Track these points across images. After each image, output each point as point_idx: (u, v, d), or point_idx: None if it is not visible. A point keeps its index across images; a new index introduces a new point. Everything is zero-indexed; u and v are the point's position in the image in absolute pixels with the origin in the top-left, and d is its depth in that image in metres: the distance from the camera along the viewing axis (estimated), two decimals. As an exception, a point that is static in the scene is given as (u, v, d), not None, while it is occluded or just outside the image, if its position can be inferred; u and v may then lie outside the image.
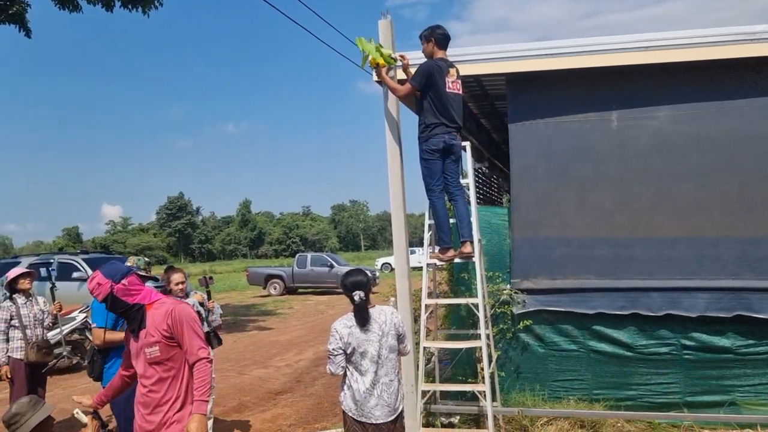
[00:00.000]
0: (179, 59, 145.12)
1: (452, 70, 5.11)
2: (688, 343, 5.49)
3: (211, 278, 6.18)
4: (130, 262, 4.93)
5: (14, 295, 6.22)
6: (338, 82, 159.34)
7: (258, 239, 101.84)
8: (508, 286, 5.87)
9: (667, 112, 5.55)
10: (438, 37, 5.17)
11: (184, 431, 3.07)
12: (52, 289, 6.48)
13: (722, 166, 5.44)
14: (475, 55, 5.69)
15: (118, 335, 4.46)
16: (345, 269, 23.47)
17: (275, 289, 24.17)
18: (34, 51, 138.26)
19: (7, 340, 6.12)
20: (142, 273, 4.73)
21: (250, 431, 6.47)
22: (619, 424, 5.43)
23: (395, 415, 3.81)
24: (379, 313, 3.87)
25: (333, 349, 3.77)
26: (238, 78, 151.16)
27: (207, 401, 3.15)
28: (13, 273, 6.23)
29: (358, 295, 3.77)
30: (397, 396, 3.83)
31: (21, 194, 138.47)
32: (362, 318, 3.78)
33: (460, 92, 5.17)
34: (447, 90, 5.02)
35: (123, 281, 3.17)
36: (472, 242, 5.10)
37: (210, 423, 5.80)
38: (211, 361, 3.22)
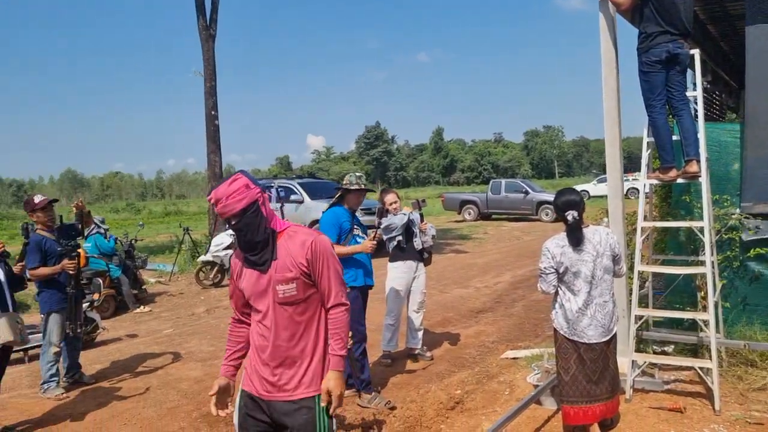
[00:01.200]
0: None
1: None
2: None
3: (423, 201, 6.45)
4: (345, 180, 5.19)
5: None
6: (531, 1, 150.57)
7: (450, 166, 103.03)
8: (738, 211, 5.31)
9: None
10: None
11: (321, 390, 2.45)
12: (281, 208, 7.28)
13: None
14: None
15: (342, 249, 4.89)
16: (541, 195, 23.01)
17: (469, 214, 24.48)
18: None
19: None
20: (354, 187, 5.08)
21: (457, 344, 6.80)
22: None
23: (609, 336, 3.75)
24: (593, 233, 3.77)
25: (545, 268, 3.77)
26: (430, 6, 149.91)
27: (344, 355, 2.49)
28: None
29: (571, 214, 3.70)
30: (612, 317, 3.76)
31: (241, 127, 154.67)
32: (575, 238, 3.71)
33: None
34: None
35: (265, 194, 2.55)
36: (698, 161, 4.66)
37: (420, 334, 6.22)
38: (348, 310, 2.56)
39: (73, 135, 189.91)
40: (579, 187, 36.75)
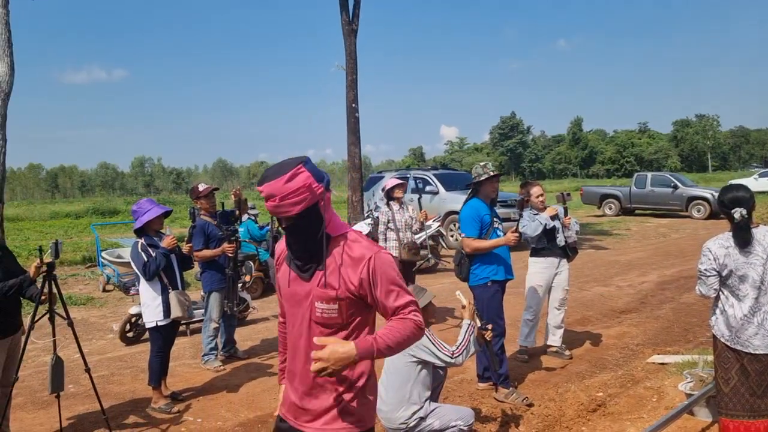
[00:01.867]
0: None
1: None
2: None
3: (569, 194, 6.27)
4: (473, 173, 5.11)
5: (390, 202, 7.29)
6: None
7: (589, 158, 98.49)
8: None
9: None
10: None
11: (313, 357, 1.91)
12: (419, 199, 7.40)
13: None
14: None
15: (484, 243, 4.89)
16: (692, 190, 21.33)
17: (610, 209, 23.29)
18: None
19: (386, 240, 7.26)
20: (485, 177, 4.99)
21: (598, 344, 6.56)
22: None
23: (779, 349, 3.43)
24: (764, 233, 3.46)
25: (705, 269, 3.51)
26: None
27: (378, 350, 1.94)
28: (389, 183, 7.28)
29: (738, 212, 3.41)
30: None
31: (375, 118, 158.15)
32: (743, 239, 3.42)
33: None
34: None
35: (329, 191, 2.10)
36: None
37: (560, 332, 6.07)
38: (422, 329, 2.05)
39: (224, 128, 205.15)
40: (737, 182, 33.77)
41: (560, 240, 5.87)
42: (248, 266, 8.53)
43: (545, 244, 5.88)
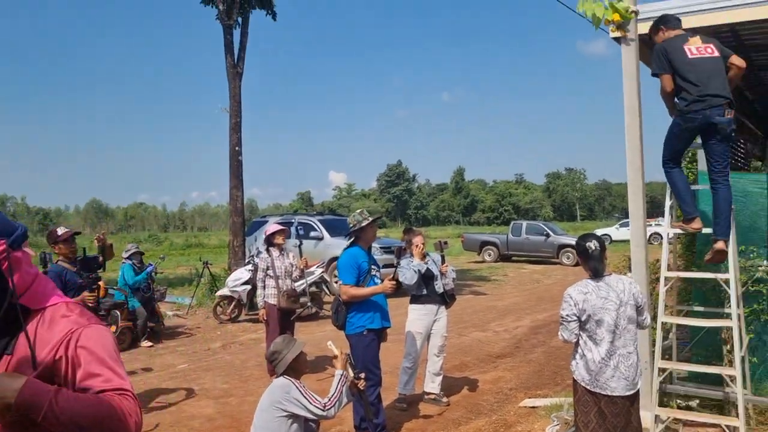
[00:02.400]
0: (400, 31, 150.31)
1: (693, 38, 4.54)
2: None
3: (446, 243, 6.41)
4: (352, 222, 5.11)
5: (270, 248, 7.13)
6: (553, 45, 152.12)
7: (471, 206, 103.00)
8: (765, 262, 5.19)
9: None
10: (661, 20, 4.69)
11: None
12: (299, 246, 7.29)
13: None
14: (734, 0, 5.02)
15: (362, 291, 4.87)
16: (562, 239, 22.80)
17: (489, 255, 24.31)
18: (279, 32, 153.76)
19: (264, 287, 7.05)
20: (365, 224, 5.02)
21: (475, 390, 6.67)
22: None
23: (633, 390, 3.63)
24: (616, 281, 3.70)
25: (566, 315, 3.69)
26: (454, 47, 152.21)
27: (53, 409, 1.32)
28: (270, 229, 7.13)
29: (592, 243, 3.66)
30: (636, 370, 3.65)
31: (263, 161, 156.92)
32: (596, 269, 3.67)
33: (715, 54, 4.47)
34: (690, 56, 4.43)
35: (22, 249, 1.61)
36: (726, 241, 4.52)
37: (439, 379, 6.11)
38: (124, 421, 1.45)
39: (100, 166, 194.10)
40: (601, 231, 36.68)
41: (438, 287, 5.98)
42: (114, 316, 7.95)
43: (424, 291, 5.97)
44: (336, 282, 13.91)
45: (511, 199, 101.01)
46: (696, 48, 4.47)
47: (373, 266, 5.12)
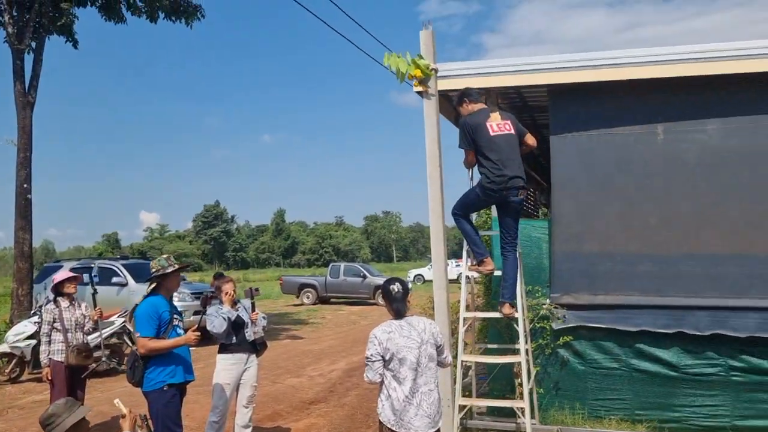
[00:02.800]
0: (219, 70, 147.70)
1: (494, 114, 5.04)
2: (736, 364, 5.29)
3: (257, 290, 6.19)
4: (156, 267, 4.83)
5: (58, 298, 6.37)
6: (372, 91, 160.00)
7: (291, 248, 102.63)
8: (548, 301, 5.76)
9: (716, 125, 5.40)
10: (464, 92, 5.15)
11: None
12: (93, 294, 6.60)
13: (774, 181, 5.26)
14: (517, 66, 5.63)
15: (162, 344, 4.51)
16: (378, 280, 23.48)
17: (308, 298, 24.26)
18: (81, 60, 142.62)
19: (50, 343, 6.25)
20: (170, 270, 4.73)
21: (284, 440, 6.46)
22: (662, 447, 5.26)
23: (435, 428, 3.74)
24: (417, 321, 3.84)
25: (371, 355, 3.74)
26: (274, 89, 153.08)
27: None
28: (58, 277, 6.39)
29: (396, 285, 3.80)
30: (437, 407, 3.78)
31: (62, 199, 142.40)
32: (399, 310, 3.79)
33: (512, 131, 5.03)
34: (492, 133, 4.93)
35: None
36: (512, 304, 5.00)
37: (248, 431, 5.82)
38: None
39: None
40: (415, 271, 38.51)
41: (249, 335, 5.76)
42: None
43: (234, 339, 5.70)
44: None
45: (332, 240, 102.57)
46: (497, 125, 4.94)
47: (175, 316, 4.78)
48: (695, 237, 5.42)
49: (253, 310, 5.91)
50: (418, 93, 5.48)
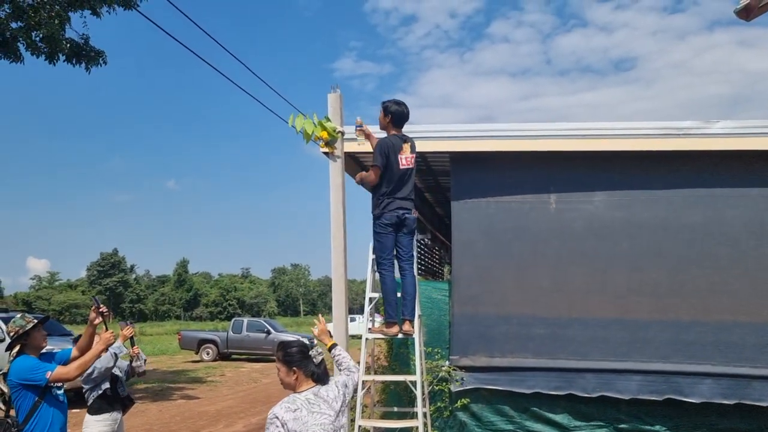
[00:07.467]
0: (123, 115, 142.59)
1: (405, 146, 5.20)
2: (623, 426, 5.52)
3: (131, 322, 5.81)
4: (13, 328, 4.42)
5: None
6: (281, 145, 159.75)
7: (194, 300, 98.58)
8: (447, 363, 5.82)
9: (601, 197, 5.79)
10: (395, 114, 5.26)
11: None
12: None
13: (653, 251, 5.67)
14: (421, 133, 5.83)
15: (82, 360, 4.19)
16: (282, 336, 22.87)
17: (208, 354, 23.18)
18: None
19: None
20: (31, 326, 4.37)
21: None
22: None
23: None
24: (326, 390, 3.30)
25: None
26: (180, 135, 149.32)
27: None
28: None
29: (315, 350, 3.28)
30: None
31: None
32: (321, 378, 3.28)
33: (413, 166, 5.25)
34: (400, 166, 5.11)
35: None
36: (411, 321, 5.06)
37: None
38: None
39: None
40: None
41: (123, 390, 5.40)
42: None
43: (107, 388, 5.26)
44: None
45: (237, 293, 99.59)
46: (406, 159, 5.12)
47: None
48: (583, 302, 5.71)
49: (133, 344, 5.55)
50: (325, 154, 5.54)
